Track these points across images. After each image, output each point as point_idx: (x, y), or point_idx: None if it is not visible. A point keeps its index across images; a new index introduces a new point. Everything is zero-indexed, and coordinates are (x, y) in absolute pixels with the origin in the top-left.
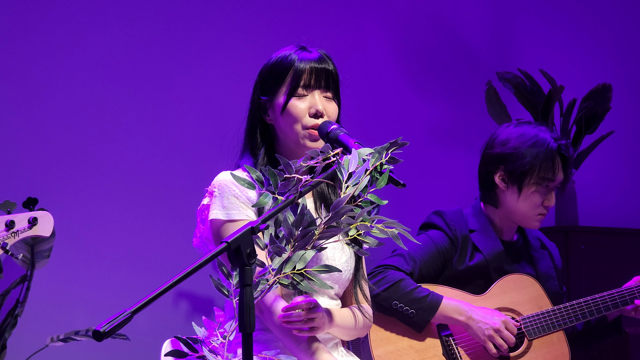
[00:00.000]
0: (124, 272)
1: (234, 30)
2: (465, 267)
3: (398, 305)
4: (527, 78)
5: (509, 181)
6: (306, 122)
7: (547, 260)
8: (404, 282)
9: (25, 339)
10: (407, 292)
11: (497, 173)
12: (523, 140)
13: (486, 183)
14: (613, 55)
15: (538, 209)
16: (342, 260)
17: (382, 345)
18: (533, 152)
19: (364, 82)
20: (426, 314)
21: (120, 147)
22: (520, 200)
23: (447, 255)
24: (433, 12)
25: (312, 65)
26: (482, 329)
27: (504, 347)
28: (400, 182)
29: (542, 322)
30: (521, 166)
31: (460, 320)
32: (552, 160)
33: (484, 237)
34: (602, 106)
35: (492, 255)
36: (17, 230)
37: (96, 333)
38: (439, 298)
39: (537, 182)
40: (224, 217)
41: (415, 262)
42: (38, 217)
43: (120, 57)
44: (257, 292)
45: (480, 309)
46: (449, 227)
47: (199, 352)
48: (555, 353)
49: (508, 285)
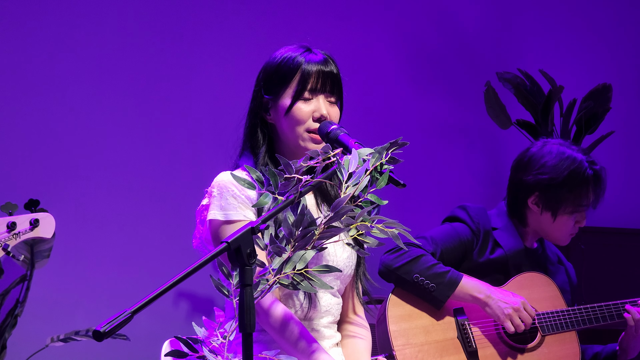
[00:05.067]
0: (124, 272)
1: (234, 30)
2: (486, 260)
3: (419, 279)
4: (527, 78)
5: (544, 207)
6: (309, 126)
7: (563, 275)
8: (425, 257)
9: (25, 339)
10: (429, 267)
11: (530, 197)
12: (561, 170)
13: (517, 203)
14: (613, 55)
15: (570, 230)
16: (343, 257)
17: (399, 322)
18: (571, 183)
19: (364, 82)
20: (446, 289)
21: (120, 148)
22: (554, 224)
23: (468, 246)
24: (433, 12)
25: (319, 68)
26: (502, 307)
27: (521, 328)
28: (401, 182)
29: (556, 320)
30: (558, 196)
31: (480, 297)
32: (588, 186)
33: (506, 235)
34: (602, 106)
35: (513, 252)
36: (18, 232)
37: (96, 333)
38: (460, 275)
39: (572, 209)
40: (222, 218)
41: (437, 245)
42: (40, 218)
43: (120, 58)
44: (257, 292)
45: (499, 290)
46: (473, 220)
47: (199, 352)
48: (567, 352)
49: (525, 281)
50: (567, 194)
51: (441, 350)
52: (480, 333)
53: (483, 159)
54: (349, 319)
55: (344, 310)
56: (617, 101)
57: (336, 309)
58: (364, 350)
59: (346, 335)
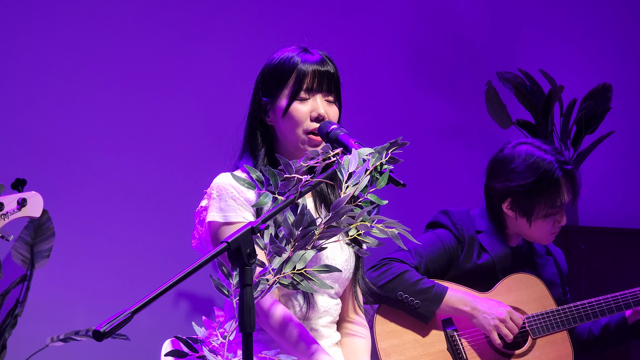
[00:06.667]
0: (124, 272)
1: (234, 30)
2: (473, 265)
3: (403, 296)
4: (527, 78)
5: (518, 212)
6: (307, 126)
7: (552, 267)
8: (408, 273)
9: (25, 339)
10: (413, 283)
11: (504, 203)
12: (528, 175)
13: (494, 208)
14: (613, 55)
15: (550, 231)
16: (341, 260)
17: (387, 339)
18: (539, 187)
19: (364, 81)
20: (431, 304)
21: (120, 148)
22: (531, 228)
23: (453, 253)
24: (433, 12)
25: (315, 68)
26: (488, 319)
27: (509, 337)
28: (400, 182)
29: (546, 321)
30: (529, 201)
31: (465, 310)
32: (559, 187)
33: (491, 239)
34: (602, 106)
35: (499, 256)
36: (6, 212)
37: (96, 333)
38: (444, 289)
39: (546, 212)
40: (221, 220)
41: (422, 257)
42: (27, 197)
43: (120, 58)
44: (257, 292)
45: (485, 300)
46: (455, 226)
47: (199, 352)
48: (559, 352)
49: (513, 283)
50: (537, 198)
51: None
52: (470, 343)
53: (483, 159)
54: (348, 318)
55: (344, 310)
56: (617, 101)
57: (335, 309)
58: (364, 349)
59: (345, 334)
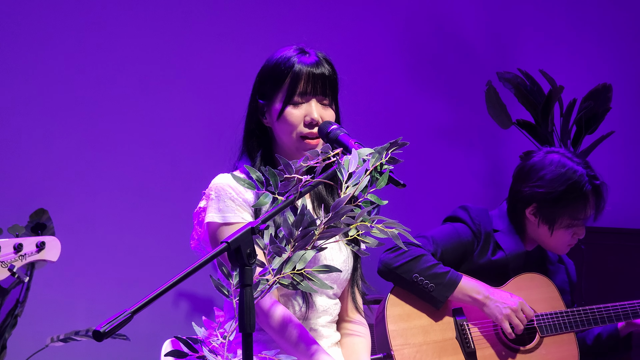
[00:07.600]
0: (124, 272)
1: (234, 31)
2: (487, 261)
3: (419, 279)
4: (527, 78)
5: (541, 219)
6: (301, 130)
7: (563, 275)
8: (425, 257)
9: (25, 339)
10: (429, 267)
11: (528, 208)
12: (558, 184)
13: (516, 212)
14: (613, 55)
15: (568, 242)
16: (340, 260)
17: (398, 322)
18: (567, 197)
19: (364, 82)
20: (445, 289)
21: (120, 148)
22: (552, 237)
23: (468, 247)
24: (433, 12)
25: (309, 70)
26: (500, 307)
27: (519, 328)
28: (400, 182)
29: (554, 321)
30: (554, 210)
31: (478, 298)
32: (586, 200)
33: (507, 238)
34: (602, 106)
35: (514, 255)
36: (24, 254)
37: (96, 333)
38: (459, 276)
39: (569, 223)
40: (219, 220)
41: (438, 245)
42: (46, 241)
43: (119, 59)
44: (257, 292)
45: (498, 290)
46: (474, 221)
47: (199, 352)
48: (565, 353)
49: (524, 282)
50: (563, 208)
51: (439, 351)
52: (479, 334)
53: (483, 159)
54: (348, 318)
55: (343, 310)
56: (617, 101)
57: (334, 309)
58: (363, 348)
59: (345, 333)
